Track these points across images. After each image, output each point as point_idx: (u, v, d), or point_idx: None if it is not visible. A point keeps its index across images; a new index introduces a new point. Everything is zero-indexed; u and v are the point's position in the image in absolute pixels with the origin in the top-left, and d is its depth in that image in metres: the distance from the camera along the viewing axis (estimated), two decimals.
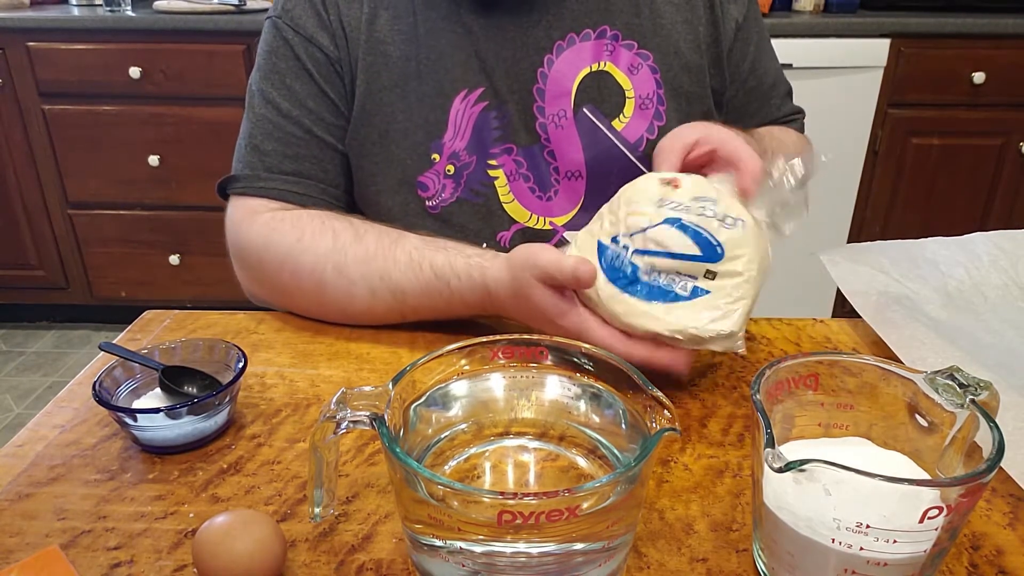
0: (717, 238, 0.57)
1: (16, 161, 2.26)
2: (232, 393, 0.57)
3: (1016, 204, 2.28)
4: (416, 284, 0.68)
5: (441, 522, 0.38)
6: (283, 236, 0.73)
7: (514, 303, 0.64)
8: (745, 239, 0.57)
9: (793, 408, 0.46)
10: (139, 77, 2.13)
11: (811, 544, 0.39)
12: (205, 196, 2.23)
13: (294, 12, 0.77)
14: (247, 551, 0.41)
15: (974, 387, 0.42)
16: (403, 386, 0.44)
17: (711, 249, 0.57)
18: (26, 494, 0.51)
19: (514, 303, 0.64)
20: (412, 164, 0.78)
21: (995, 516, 0.49)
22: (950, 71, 2.12)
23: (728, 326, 0.56)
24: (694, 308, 0.57)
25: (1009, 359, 0.63)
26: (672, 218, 0.58)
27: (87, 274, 2.40)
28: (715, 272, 0.57)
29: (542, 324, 0.62)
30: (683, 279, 0.57)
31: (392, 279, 0.69)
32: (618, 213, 0.61)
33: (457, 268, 0.67)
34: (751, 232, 0.58)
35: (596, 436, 0.47)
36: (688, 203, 0.58)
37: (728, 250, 0.57)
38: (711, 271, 0.57)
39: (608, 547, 0.39)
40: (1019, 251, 0.78)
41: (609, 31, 0.78)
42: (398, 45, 0.77)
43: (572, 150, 0.79)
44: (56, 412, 0.60)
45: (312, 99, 0.77)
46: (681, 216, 0.58)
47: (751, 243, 0.57)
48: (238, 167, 0.79)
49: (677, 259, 0.57)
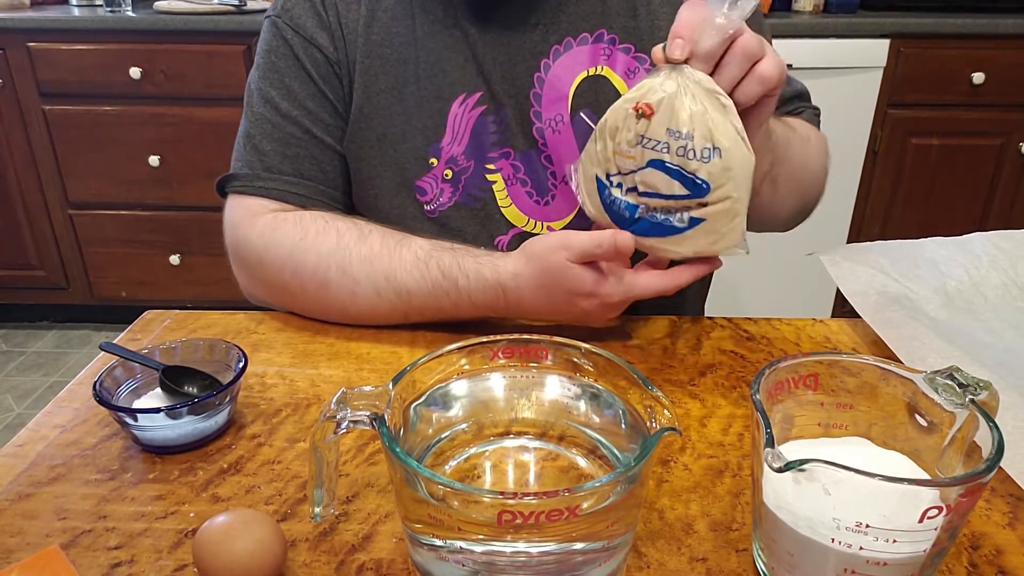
0: (699, 176, 0.60)
1: (17, 161, 2.26)
2: (232, 393, 0.57)
3: (1015, 204, 2.28)
4: (422, 284, 0.68)
5: (441, 522, 0.38)
6: (286, 235, 0.73)
7: (536, 295, 0.64)
8: (725, 166, 0.59)
9: (793, 408, 0.46)
10: (139, 77, 2.13)
11: (811, 544, 0.39)
12: (205, 196, 2.23)
13: (294, 12, 0.77)
14: (247, 551, 0.41)
15: (973, 387, 0.42)
16: (403, 386, 0.44)
17: (696, 187, 0.60)
18: (27, 494, 0.51)
19: (536, 295, 0.64)
20: (410, 168, 0.78)
21: (995, 516, 0.49)
22: (950, 71, 2.12)
23: (729, 243, 0.62)
24: (695, 236, 0.62)
25: (1008, 359, 0.63)
26: (655, 160, 0.61)
27: (88, 274, 2.40)
28: (705, 203, 0.61)
29: (567, 307, 0.64)
30: (678, 212, 0.62)
31: (398, 279, 0.69)
32: (607, 144, 0.64)
33: (466, 268, 0.67)
34: (728, 156, 0.59)
35: (596, 436, 0.48)
36: (665, 140, 0.60)
37: (712, 182, 0.60)
38: (702, 203, 0.61)
39: (608, 547, 0.39)
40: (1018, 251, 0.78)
41: (606, 35, 0.78)
42: (395, 48, 0.77)
43: (569, 155, 0.79)
44: (56, 412, 0.60)
45: (311, 99, 0.77)
46: (663, 158, 0.61)
47: (734, 167, 0.60)
48: (237, 165, 0.79)
49: (668, 199, 0.62)
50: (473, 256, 0.68)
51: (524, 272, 0.65)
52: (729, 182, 0.60)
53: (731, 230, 0.62)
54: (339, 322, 0.73)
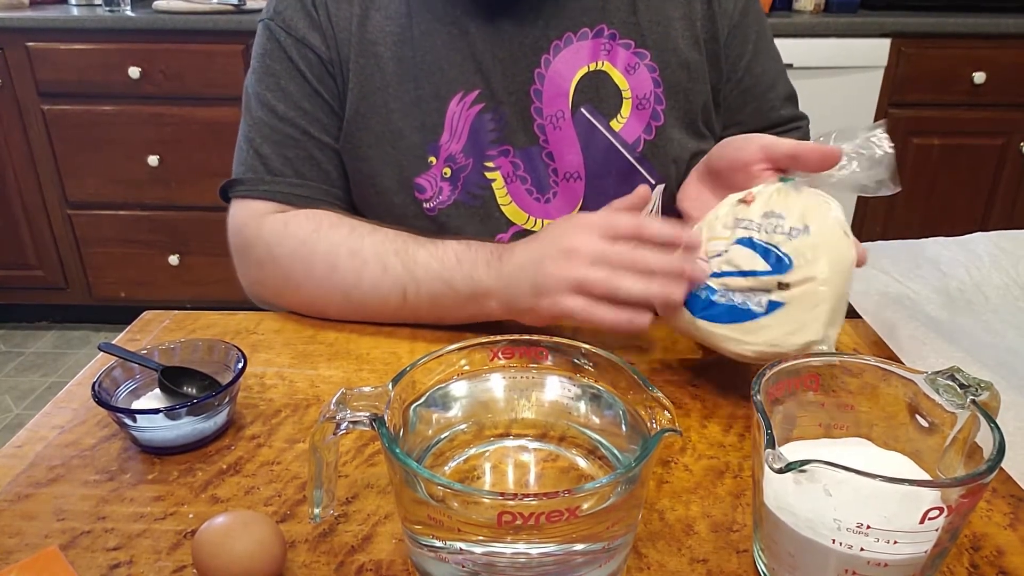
0: (783, 250, 0.57)
1: (15, 161, 2.26)
2: (232, 394, 0.57)
3: (1017, 204, 2.28)
4: (431, 261, 0.68)
5: (441, 523, 0.38)
6: (299, 227, 0.74)
7: (529, 246, 0.64)
8: (812, 244, 0.56)
9: (794, 408, 0.46)
10: (138, 77, 2.13)
11: (811, 545, 0.39)
12: (204, 196, 2.23)
13: (286, 14, 0.77)
14: (247, 552, 0.41)
15: (975, 387, 0.42)
16: (403, 386, 0.44)
17: (779, 262, 0.57)
18: (25, 495, 0.51)
19: (529, 246, 0.64)
20: (409, 166, 0.78)
21: (996, 517, 0.49)
22: (951, 71, 2.12)
23: (808, 336, 0.56)
24: (772, 323, 0.57)
25: (1010, 359, 0.63)
26: (743, 238, 0.59)
27: (86, 274, 2.40)
28: (787, 283, 0.56)
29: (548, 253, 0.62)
30: (758, 295, 0.57)
31: (408, 252, 0.69)
32: (702, 231, 0.62)
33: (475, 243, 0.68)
34: (818, 236, 0.57)
35: (596, 437, 0.47)
36: (759, 220, 0.59)
37: (796, 259, 0.56)
38: (783, 283, 0.57)
39: (608, 548, 0.39)
40: (1020, 251, 0.78)
41: (607, 30, 0.78)
42: (390, 47, 0.77)
43: (571, 151, 0.79)
44: (55, 413, 0.60)
45: (307, 100, 0.77)
46: (752, 235, 0.58)
47: (821, 246, 0.57)
48: (239, 170, 0.79)
49: (748, 276, 0.57)
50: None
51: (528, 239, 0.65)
52: (815, 262, 0.56)
53: (812, 319, 0.56)
54: (337, 317, 0.73)
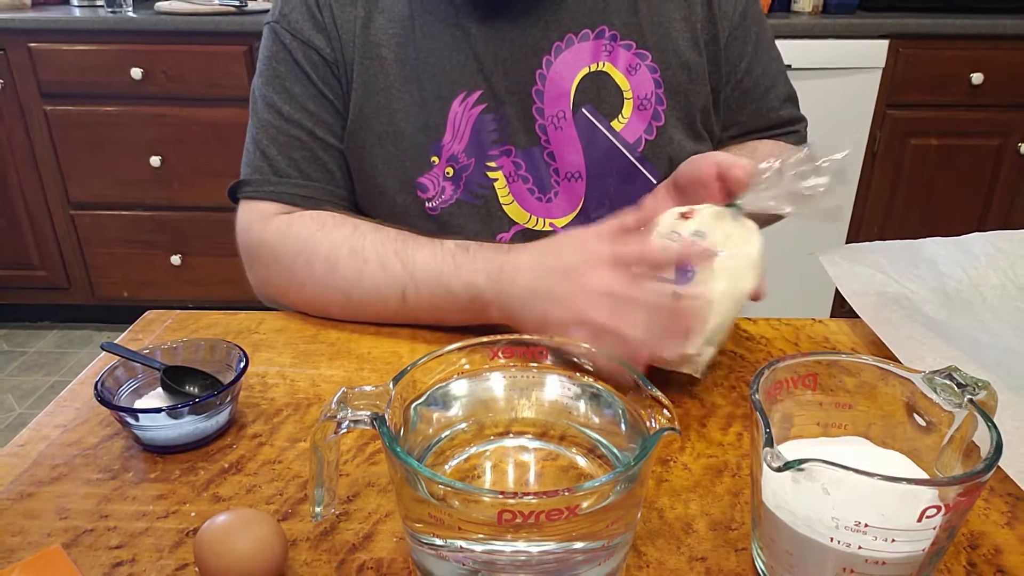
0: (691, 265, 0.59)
1: (18, 162, 2.27)
2: (233, 393, 0.57)
3: (1014, 204, 2.28)
4: (431, 261, 0.68)
5: (441, 521, 0.38)
6: (304, 226, 0.74)
7: (535, 258, 0.64)
8: (718, 267, 0.58)
9: (792, 408, 0.46)
10: (140, 78, 2.14)
11: (810, 543, 0.39)
12: (207, 196, 2.23)
13: (291, 16, 0.78)
14: (248, 550, 0.41)
15: (972, 387, 0.42)
16: (403, 386, 0.44)
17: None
18: (28, 493, 0.51)
19: (535, 258, 0.64)
20: (411, 166, 0.78)
21: (993, 515, 0.49)
22: (949, 72, 2.12)
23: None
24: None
25: (1007, 359, 0.64)
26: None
27: (89, 274, 2.40)
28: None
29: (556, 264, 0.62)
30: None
31: (408, 252, 0.69)
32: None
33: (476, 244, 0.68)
34: (727, 261, 0.59)
35: (596, 436, 0.48)
36: (687, 236, 0.60)
37: (698, 275, 0.58)
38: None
39: (608, 546, 0.39)
40: (1017, 251, 0.78)
41: (607, 31, 0.78)
42: (393, 48, 0.77)
43: (572, 151, 0.80)
44: (58, 412, 0.60)
45: (312, 101, 0.78)
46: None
47: (725, 271, 0.59)
48: (247, 171, 0.80)
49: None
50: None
51: (532, 244, 0.65)
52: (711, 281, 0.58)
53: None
54: (340, 317, 0.73)
